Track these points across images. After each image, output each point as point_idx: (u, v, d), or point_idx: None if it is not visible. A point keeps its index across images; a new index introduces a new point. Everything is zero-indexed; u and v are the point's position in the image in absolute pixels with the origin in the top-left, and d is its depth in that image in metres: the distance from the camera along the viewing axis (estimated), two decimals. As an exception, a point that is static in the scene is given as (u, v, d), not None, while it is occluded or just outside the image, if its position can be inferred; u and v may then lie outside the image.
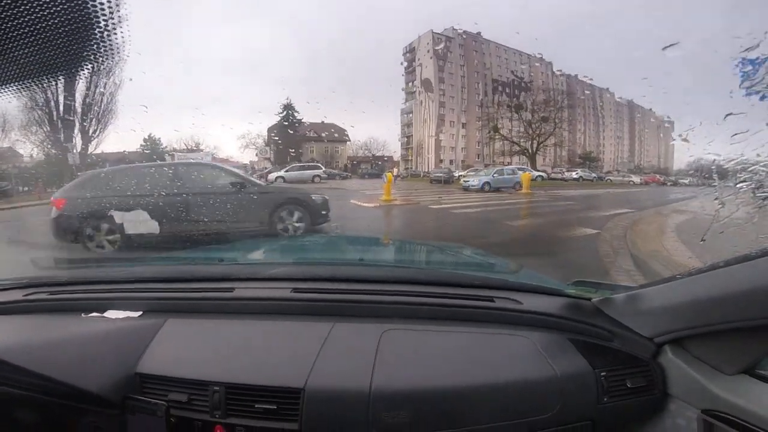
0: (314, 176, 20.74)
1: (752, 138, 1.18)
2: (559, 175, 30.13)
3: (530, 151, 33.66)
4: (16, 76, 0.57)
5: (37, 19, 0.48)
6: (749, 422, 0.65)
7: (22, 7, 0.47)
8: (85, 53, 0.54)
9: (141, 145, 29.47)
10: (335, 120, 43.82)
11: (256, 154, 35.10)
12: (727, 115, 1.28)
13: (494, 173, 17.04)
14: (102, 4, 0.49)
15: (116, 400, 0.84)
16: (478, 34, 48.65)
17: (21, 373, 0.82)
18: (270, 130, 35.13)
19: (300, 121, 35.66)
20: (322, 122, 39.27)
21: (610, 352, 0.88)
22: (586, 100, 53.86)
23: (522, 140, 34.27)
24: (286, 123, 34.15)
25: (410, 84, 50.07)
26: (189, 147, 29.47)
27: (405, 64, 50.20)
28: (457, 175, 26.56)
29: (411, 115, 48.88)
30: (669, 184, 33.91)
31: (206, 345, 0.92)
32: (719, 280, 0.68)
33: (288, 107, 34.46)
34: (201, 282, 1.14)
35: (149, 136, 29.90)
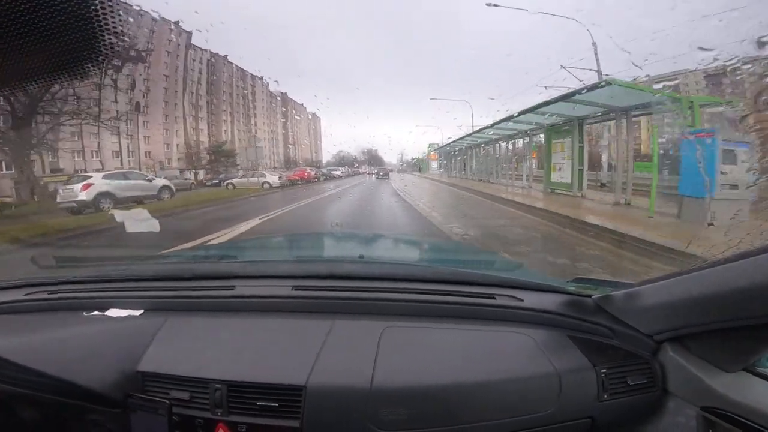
0: None
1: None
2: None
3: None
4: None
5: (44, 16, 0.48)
6: (749, 419, 0.66)
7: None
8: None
9: None
10: None
11: None
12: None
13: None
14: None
15: (118, 399, 0.83)
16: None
17: (23, 371, 0.81)
18: None
19: None
20: None
21: (610, 349, 0.87)
22: (235, 85, 46.16)
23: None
24: None
25: None
26: None
27: None
28: None
29: None
30: (323, 178, 27.80)
31: (208, 343, 0.91)
32: (719, 278, 0.67)
33: None
34: (202, 280, 1.12)
35: None
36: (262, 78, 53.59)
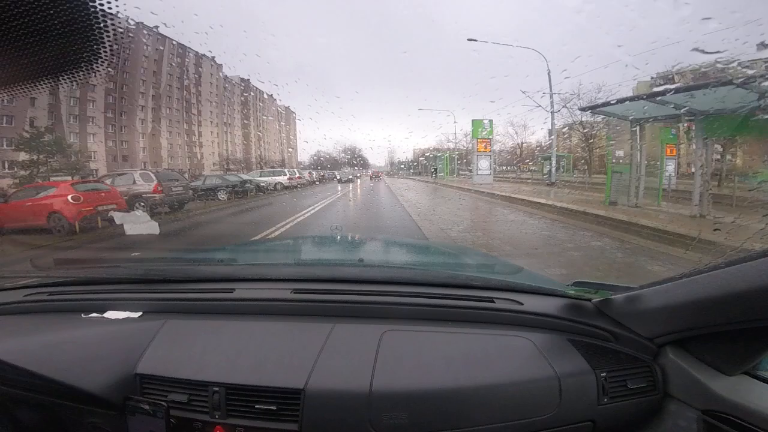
0: None
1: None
2: None
3: None
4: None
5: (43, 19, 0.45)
6: (750, 422, 0.66)
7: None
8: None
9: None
10: None
11: None
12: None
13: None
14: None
15: (116, 401, 0.83)
16: None
17: (21, 373, 0.81)
18: None
19: None
20: None
21: (610, 352, 0.87)
22: (167, 65, 36.17)
23: None
24: None
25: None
26: None
27: None
28: None
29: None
30: (228, 190, 16.75)
31: (206, 346, 0.91)
32: (719, 281, 0.67)
33: None
34: (202, 283, 1.12)
35: None
36: (213, 58, 38.17)
